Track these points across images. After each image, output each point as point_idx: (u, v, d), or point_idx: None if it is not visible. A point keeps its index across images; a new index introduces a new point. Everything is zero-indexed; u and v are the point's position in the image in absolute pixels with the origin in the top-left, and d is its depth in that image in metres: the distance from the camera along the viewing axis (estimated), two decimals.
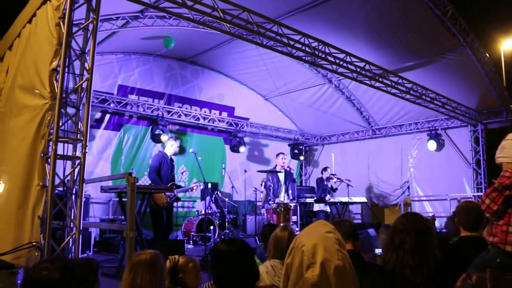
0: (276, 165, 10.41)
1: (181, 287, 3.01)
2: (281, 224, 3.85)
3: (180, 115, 11.40)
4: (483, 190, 10.95)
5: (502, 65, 16.17)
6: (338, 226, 2.58)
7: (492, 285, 1.96)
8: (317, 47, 7.36)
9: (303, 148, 14.96)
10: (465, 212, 3.69)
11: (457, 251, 3.44)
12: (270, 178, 9.62)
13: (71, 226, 4.34)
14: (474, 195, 11.08)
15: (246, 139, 13.18)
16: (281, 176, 9.97)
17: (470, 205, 3.76)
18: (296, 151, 14.10)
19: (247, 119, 13.12)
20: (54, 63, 4.40)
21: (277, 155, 10.50)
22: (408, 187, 12.31)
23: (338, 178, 11.06)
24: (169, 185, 7.60)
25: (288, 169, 10.00)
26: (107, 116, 10.42)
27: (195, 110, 11.98)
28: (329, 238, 1.82)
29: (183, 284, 3.01)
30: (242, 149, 12.65)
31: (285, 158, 10.26)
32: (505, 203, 3.07)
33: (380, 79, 8.58)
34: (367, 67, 8.25)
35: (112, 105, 10.15)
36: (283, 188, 9.84)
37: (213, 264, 2.40)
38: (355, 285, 1.77)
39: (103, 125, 10.33)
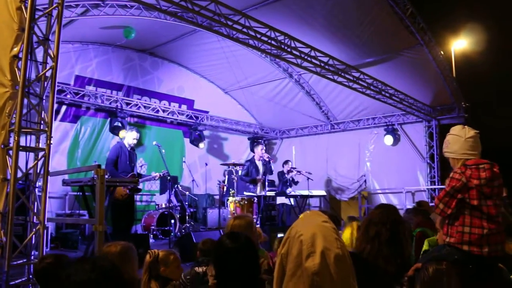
0: (254, 156, 10.34)
1: (162, 280, 2.95)
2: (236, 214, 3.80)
3: (139, 107, 11.15)
4: (436, 184, 11.39)
5: (452, 64, 16.81)
6: None
7: (448, 277, 2.03)
8: (283, 41, 7.38)
9: (263, 142, 15.00)
10: None
11: None
12: (234, 172, 9.58)
13: (34, 221, 4.15)
14: (427, 188, 11.50)
15: (206, 132, 13.08)
16: (260, 167, 9.94)
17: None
18: (255, 144, 14.11)
19: (207, 112, 13.00)
20: (16, 49, 4.16)
21: (256, 145, 10.41)
22: (365, 181, 12.60)
23: (298, 171, 11.16)
24: (128, 176, 7.40)
25: (267, 159, 9.94)
26: (63, 108, 10.03)
27: (155, 102, 11.76)
28: (326, 227, 1.82)
29: (163, 277, 2.95)
30: (202, 144, 12.54)
31: (263, 149, 10.17)
32: (458, 205, 3.19)
33: (342, 74, 8.71)
34: (330, 62, 8.36)
35: (69, 96, 9.78)
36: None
37: (218, 259, 2.34)
38: (353, 274, 1.78)
39: (59, 116, 9.92)
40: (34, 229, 4.12)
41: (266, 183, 9.92)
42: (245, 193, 9.74)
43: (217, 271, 2.30)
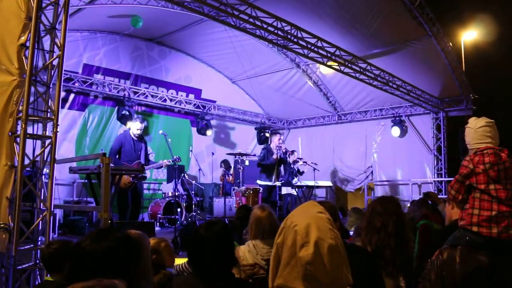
0: (270, 144, 10.08)
1: (154, 268, 2.99)
2: (259, 205, 3.83)
3: (146, 96, 11.20)
4: (443, 176, 11.37)
5: (462, 55, 16.64)
6: None
7: (460, 260, 2.05)
8: (289, 31, 7.36)
9: (270, 132, 15.01)
10: None
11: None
12: (240, 161, 9.61)
13: (41, 207, 4.22)
14: (434, 180, 11.48)
15: (213, 122, 13.11)
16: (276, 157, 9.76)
17: None
18: (262, 135, 14.14)
19: (214, 101, 13.04)
20: (23, 38, 4.20)
21: (274, 134, 10.25)
22: (372, 172, 12.59)
23: (304, 162, 11.17)
24: (133, 164, 7.47)
25: (284, 150, 9.75)
26: (72, 96, 10.11)
27: (162, 91, 11.80)
28: (321, 218, 1.85)
29: (156, 265, 2.99)
30: (209, 132, 12.58)
31: (281, 139, 9.94)
32: (468, 191, 3.33)
33: (349, 65, 8.69)
34: (337, 52, 8.34)
35: (77, 84, 9.86)
36: (275, 171, 9.68)
37: (190, 247, 2.38)
38: (346, 266, 1.81)
39: (67, 104, 10.02)
40: (41, 215, 4.19)
41: (281, 173, 9.77)
42: (258, 182, 9.64)
43: (189, 259, 2.35)
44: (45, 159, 4.31)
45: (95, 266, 1.76)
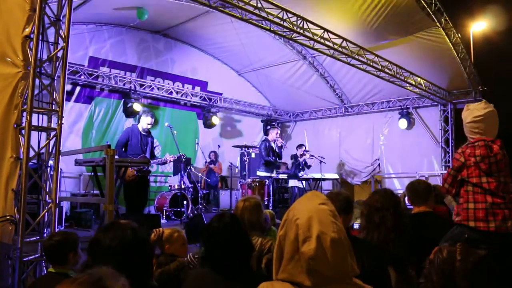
0: (267, 137, 10.27)
1: (167, 257, 3.00)
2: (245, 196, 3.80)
3: (152, 88, 11.20)
4: None
5: (471, 47, 16.46)
6: (333, 199, 2.58)
7: (461, 257, 2.02)
8: (295, 22, 7.30)
9: (276, 124, 14.98)
10: (411, 190, 3.84)
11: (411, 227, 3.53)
12: (246, 154, 9.60)
13: (47, 199, 4.23)
14: (442, 173, 11.40)
15: (219, 114, 13.09)
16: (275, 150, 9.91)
17: (415, 183, 3.87)
18: (268, 127, 14.09)
19: (220, 94, 13.00)
20: (27, 30, 4.20)
21: (271, 128, 10.38)
22: (379, 165, 12.53)
23: (311, 155, 11.15)
24: (139, 157, 7.48)
25: (280, 145, 9.92)
26: (78, 89, 10.13)
27: (168, 84, 11.79)
28: (323, 210, 1.81)
29: (169, 255, 3.00)
30: (216, 121, 12.53)
31: (278, 133, 10.14)
32: (461, 184, 3.30)
33: (356, 57, 8.61)
34: (344, 44, 8.27)
35: (83, 77, 9.86)
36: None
37: (203, 240, 2.37)
38: (351, 256, 1.78)
39: (73, 97, 10.04)
40: (46, 207, 4.20)
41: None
42: (258, 173, 9.69)
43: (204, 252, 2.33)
44: (50, 151, 4.31)
45: (109, 256, 1.81)
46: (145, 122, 7.85)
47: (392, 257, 2.88)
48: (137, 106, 10.11)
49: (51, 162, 4.38)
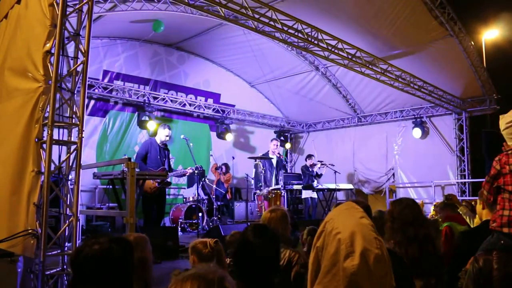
0: (268, 151, 10.43)
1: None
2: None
3: (166, 101, 11.26)
4: (467, 177, 11.17)
5: (483, 55, 16.39)
6: None
7: (498, 266, 1.99)
8: (309, 33, 7.32)
9: (289, 135, 14.97)
10: None
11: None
12: (261, 165, 9.60)
13: (68, 213, 4.23)
14: (457, 182, 11.28)
15: (232, 126, 13.11)
16: (274, 162, 9.97)
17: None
18: (282, 138, 14.10)
19: (233, 105, 13.04)
20: (48, 45, 4.24)
21: (271, 141, 10.47)
22: (393, 174, 12.44)
23: (322, 164, 11.13)
24: (158, 169, 7.52)
25: (278, 155, 10.01)
26: (92, 102, 10.22)
27: (181, 96, 11.85)
28: (365, 225, 1.79)
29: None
30: (229, 136, 12.57)
31: (277, 145, 10.26)
32: (497, 192, 3.28)
33: (370, 66, 8.60)
34: (358, 54, 8.26)
35: (97, 90, 9.95)
36: (274, 175, 9.84)
37: (239, 252, 2.34)
38: (391, 272, 1.76)
39: (88, 111, 10.12)
40: (67, 221, 4.20)
41: (280, 178, 9.97)
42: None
43: (238, 262, 2.30)
44: (70, 164, 4.33)
45: (92, 268, 1.88)
46: (163, 134, 7.93)
47: (424, 272, 2.83)
48: (151, 125, 10.19)
49: (71, 176, 4.39)
